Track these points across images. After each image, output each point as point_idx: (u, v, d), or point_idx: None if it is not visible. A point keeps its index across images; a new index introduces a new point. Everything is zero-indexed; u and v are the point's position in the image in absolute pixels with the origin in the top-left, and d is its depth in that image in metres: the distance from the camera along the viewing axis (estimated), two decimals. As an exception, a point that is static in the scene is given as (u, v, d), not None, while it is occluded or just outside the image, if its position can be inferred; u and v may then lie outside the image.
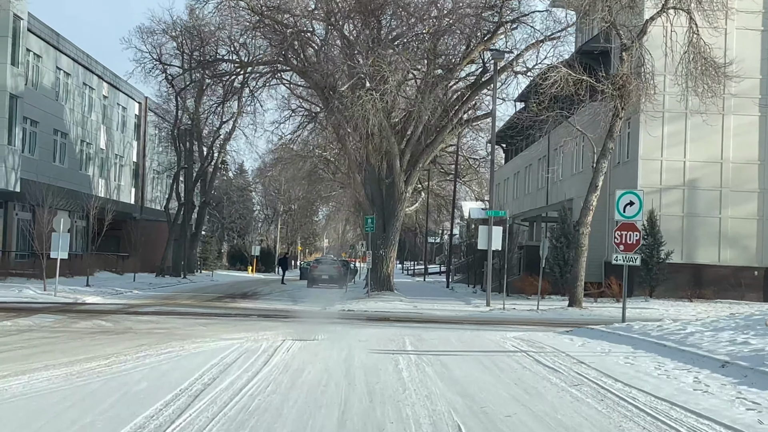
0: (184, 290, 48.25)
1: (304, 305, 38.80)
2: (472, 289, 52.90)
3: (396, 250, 43.73)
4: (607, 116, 35.24)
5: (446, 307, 37.50)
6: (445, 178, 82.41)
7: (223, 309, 33.43)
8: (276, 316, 29.77)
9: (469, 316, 32.91)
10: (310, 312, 33.62)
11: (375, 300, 39.70)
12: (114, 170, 66.55)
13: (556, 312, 34.55)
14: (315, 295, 47.55)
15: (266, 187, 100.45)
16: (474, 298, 43.23)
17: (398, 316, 31.49)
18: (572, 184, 49.38)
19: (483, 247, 38.64)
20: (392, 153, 41.89)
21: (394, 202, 42.76)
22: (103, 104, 63.64)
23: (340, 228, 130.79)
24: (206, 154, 63.96)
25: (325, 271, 57.64)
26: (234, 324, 25.53)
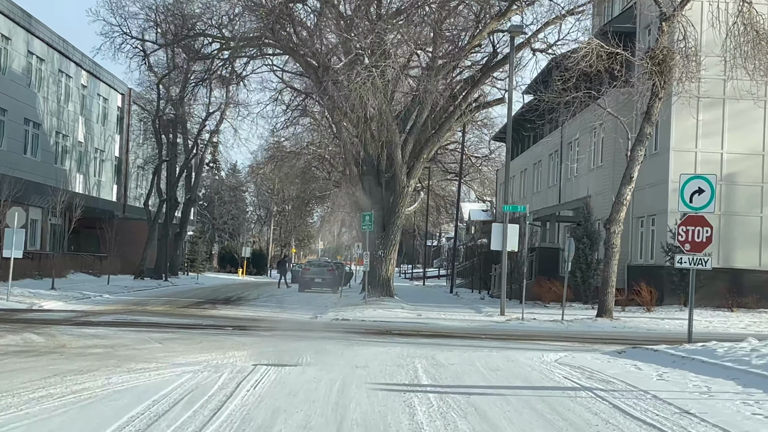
0: (161, 294, 42.70)
1: (292, 312, 33.38)
2: (479, 295, 47.38)
3: (397, 251, 38.29)
4: (643, 97, 29.76)
5: (455, 316, 32.01)
6: (445, 177, 76.91)
7: (196, 318, 27.88)
8: (256, 327, 24.22)
9: (485, 328, 27.43)
10: (297, 322, 28.08)
11: (373, 307, 34.20)
12: (94, 165, 60.92)
13: (584, 324, 29.05)
14: (306, 301, 42.06)
15: (259, 186, 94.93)
16: (484, 306, 37.72)
17: (402, 328, 25.99)
18: (590, 180, 43.92)
19: (497, 248, 33.18)
20: (393, 142, 36.41)
21: (395, 197, 37.28)
22: (82, 94, 58.05)
23: (336, 230, 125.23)
24: (191, 147, 58.24)
25: (318, 274, 52.06)
26: (200, 339, 20.00)
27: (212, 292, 47.69)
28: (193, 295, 43.59)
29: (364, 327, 26.22)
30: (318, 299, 43.66)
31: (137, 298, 39.34)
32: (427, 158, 38.33)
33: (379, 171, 38.14)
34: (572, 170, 47.25)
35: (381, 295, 37.38)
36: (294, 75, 44.90)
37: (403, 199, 37.28)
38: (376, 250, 37.29)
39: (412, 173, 37.29)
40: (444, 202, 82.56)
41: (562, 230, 48.58)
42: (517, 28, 32.35)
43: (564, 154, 48.63)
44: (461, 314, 33.15)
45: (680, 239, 19.23)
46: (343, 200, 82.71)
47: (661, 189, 36.97)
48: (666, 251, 34.93)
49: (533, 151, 56.79)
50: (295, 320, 29.01)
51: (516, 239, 32.84)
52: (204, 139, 60.02)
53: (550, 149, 52.13)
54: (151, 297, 40.25)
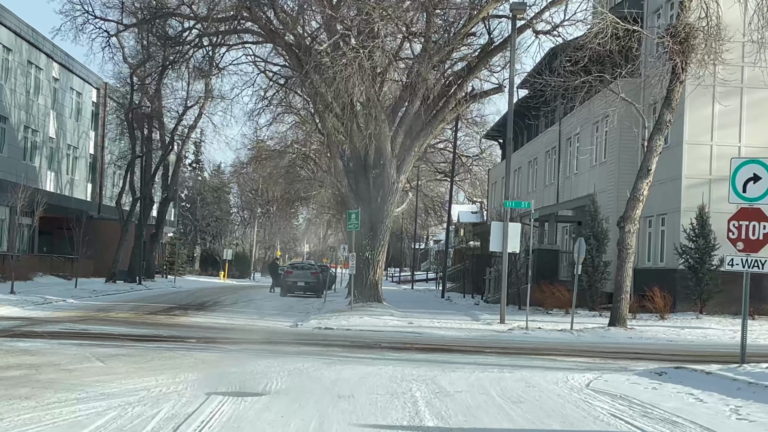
0: (131, 299, 39.01)
1: (270, 320, 29.85)
2: (472, 300, 43.85)
3: (386, 253, 34.74)
4: (663, 80, 26.29)
5: (450, 325, 28.47)
6: (435, 177, 73.39)
7: (159, 327, 24.24)
8: (224, 340, 20.62)
9: (487, 339, 23.91)
10: (273, 331, 24.48)
11: (360, 313, 30.65)
12: (66, 162, 57.16)
13: (596, 334, 25.55)
14: (288, 306, 38.49)
15: (242, 187, 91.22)
16: (480, 312, 34.19)
17: (393, 340, 22.45)
18: (592, 177, 40.47)
19: (496, 249, 29.66)
20: (382, 134, 32.86)
21: (383, 194, 33.73)
22: (53, 87, 54.30)
23: (322, 232, 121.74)
24: (168, 142, 54.43)
25: (300, 277, 48.36)
26: (152, 356, 16.41)
27: (187, 296, 44.04)
28: (166, 300, 39.94)
29: (350, 338, 22.67)
30: (300, 304, 40.10)
31: (103, 303, 35.68)
32: (418, 152, 34.78)
33: (366, 166, 34.58)
34: (572, 167, 43.81)
35: (368, 300, 33.83)
36: (275, 66, 41.26)
37: (393, 196, 33.74)
38: (364, 252, 33.74)
39: (403, 168, 33.74)
40: (432, 203, 79.04)
41: (561, 231, 45.14)
42: (519, 6, 28.79)
43: (563, 151, 45.19)
44: (457, 322, 29.62)
45: (731, 237, 15.76)
46: (329, 201, 79.32)
47: (673, 186, 33.53)
48: (680, 253, 31.51)
49: (528, 148, 53.35)
50: (271, 329, 25.42)
51: (518, 239, 29.36)
52: (181, 134, 56.23)
53: (547, 146, 48.69)
54: (119, 302, 36.60)
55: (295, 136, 65.63)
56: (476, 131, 65.62)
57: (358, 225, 32.39)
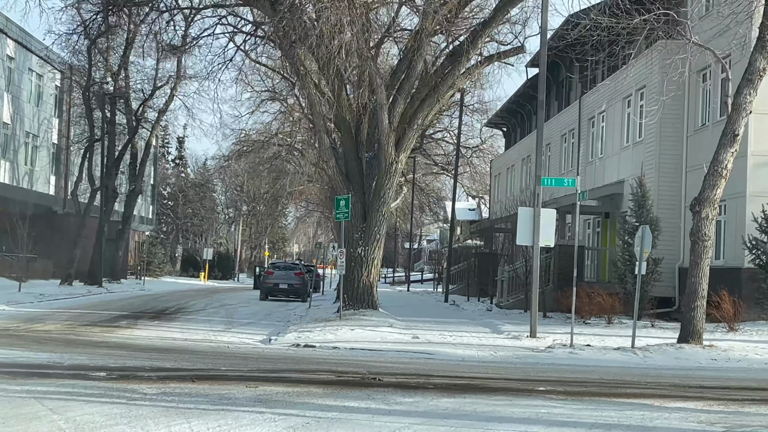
0: (77, 306, 31.87)
1: (239, 332, 22.99)
2: (481, 305, 36.72)
3: (382, 248, 27.70)
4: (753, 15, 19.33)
5: (469, 339, 21.47)
6: (431, 171, 66.32)
7: (73, 350, 17.09)
8: (148, 373, 13.54)
9: (526, 364, 16.93)
10: (233, 354, 17.37)
11: (351, 324, 23.62)
12: (24, 152, 49.90)
13: (667, 354, 18.55)
14: (265, 312, 31.52)
15: (226, 183, 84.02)
16: (497, 320, 27.12)
17: (397, 366, 15.44)
18: (622, 161, 33.52)
19: (525, 242, 22.67)
20: (378, 101, 25.84)
21: (379, 176, 26.70)
22: (8, 67, 47.07)
23: (311, 231, 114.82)
24: (134, 126, 47.06)
25: (283, 278, 41.03)
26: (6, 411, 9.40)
27: (150, 300, 36.92)
28: (121, 306, 32.83)
29: (337, 363, 15.64)
30: (281, 311, 33.09)
31: (41, 311, 28.59)
32: (421, 125, 27.63)
33: (358, 142, 27.57)
34: (596, 151, 36.81)
35: (361, 305, 26.80)
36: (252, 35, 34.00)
37: (390, 180, 26.64)
38: (355, 248, 26.71)
39: (403, 144, 26.66)
40: (428, 199, 72.01)
41: (583, 224, 38.09)
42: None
43: (584, 133, 38.19)
44: (474, 335, 22.60)
45: None
46: (318, 197, 72.23)
47: (735, 165, 26.50)
48: (749, 248, 24.56)
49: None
50: (231, 350, 18.35)
51: (552, 229, 22.40)
52: (150, 118, 48.97)
53: (563, 128, 41.70)
54: (60, 309, 29.50)
55: (281, 126, 58.78)
56: (477, 119, 58.73)
57: (349, 214, 25.37)
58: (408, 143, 26.95)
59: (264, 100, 55.45)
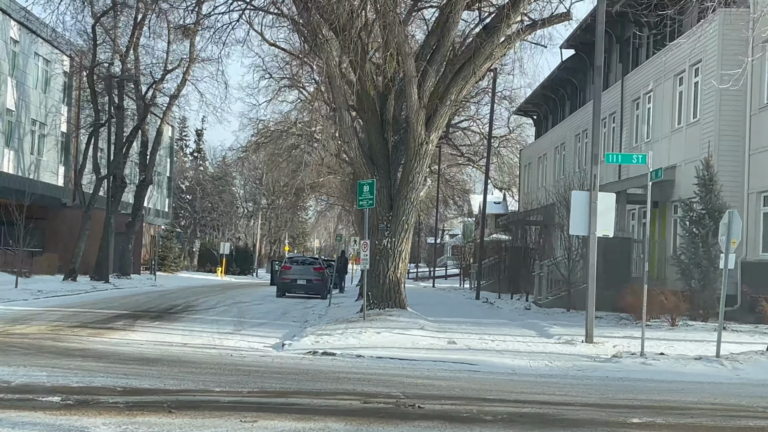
0: (75, 304, 28.65)
1: (249, 334, 19.81)
2: (517, 303, 33.20)
3: (410, 240, 24.32)
4: None
5: (514, 345, 18.11)
6: (456, 162, 62.78)
7: (36, 361, 13.84)
8: (115, 398, 10.25)
9: (597, 381, 13.55)
10: (237, 365, 14.03)
11: (376, 326, 20.27)
12: (30, 140, 46.80)
13: (759, 365, 15.10)
14: (281, 312, 28.21)
15: (245, 176, 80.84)
16: (541, 321, 23.66)
17: (436, 383, 12.07)
18: (673, 146, 30.06)
19: (578, 231, 19.26)
20: (406, 74, 22.50)
21: (408, 158, 23.35)
22: (12, 51, 43.97)
23: (332, 226, 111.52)
24: (143, 112, 43.76)
25: (300, 274, 37.57)
26: None
27: (158, 297, 33.69)
28: (124, 303, 29.62)
29: (361, 380, 12.32)
30: (298, 309, 29.81)
31: (33, 309, 25.43)
32: (455, 101, 24.20)
33: (383, 120, 24.22)
34: (641, 135, 33.33)
35: (387, 304, 23.49)
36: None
37: (420, 162, 23.26)
38: (380, 239, 23.37)
39: (434, 123, 23.26)
40: (452, 191, 68.47)
41: (627, 216, 34.57)
42: None
43: (627, 116, 34.70)
44: (519, 340, 19.23)
45: None
46: (339, 190, 68.91)
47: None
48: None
49: (575, 119, 42.79)
50: (235, 360, 15.06)
51: (611, 217, 18.98)
52: (160, 103, 45.68)
53: (602, 113, 37.97)
54: (55, 308, 26.30)
55: (300, 115, 55.52)
56: (505, 107, 55.10)
57: (373, 201, 22.01)
58: (440, 121, 23.55)
59: (282, 87, 52.26)
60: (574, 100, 44.86)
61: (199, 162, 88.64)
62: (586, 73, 42.67)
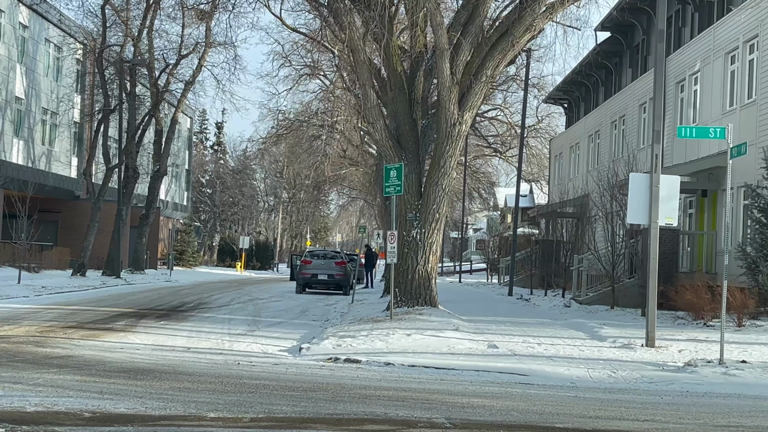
0: (80, 301, 26.43)
1: (262, 336, 17.60)
2: (555, 299, 30.55)
3: (442, 231, 21.85)
4: None
5: (564, 350, 15.63)
6: (482, 153, 60.22)
7: (3, 373, 11.50)
8: (94, 423, 7.84)
9: (681, 398, 11.04)
10: (242, 377, 11.58)
11: (405, 326, 17.82)
12: (41, 130, 44.65)
13: None
14: (300, 310, 25.80)
15: (265, 169, 78.54)
16: (586, 320, 21.07)
17: (485, 408, 9.58)
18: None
19: (638, 220, 16.73)
20: (438, 46, 20.03)
21: (439, 140, 20.87)
22: (21, 36, 41.80)
23: (354, 220, 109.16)
24: (157, 98, 41.37)
25: (322, 269, 35.04)
26: None
27: (170, 294, 31.34)
28: (133, 300, 27.32)
29: (392, 397, 9.87)
30: (318, 306, 27.43)
31: (29, 307, 23.16)
32: (491, 77, 21.69)
33: (411, 99, 21.74)
34: (687, 119, 30.64)
35: (416, 302, 21.03)
36: None
37: (453, 145, 20.77)
38: (409, 230, 20.90)
39: (468, 101, 20.77)
40: (477, 184, 65.87)
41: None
42: None
43: (669, 99, 32.00)
44: (569, 343, 16.73)
45: None
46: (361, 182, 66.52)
47: None
48: None
49: (610, 105, 40.10)
50: (244, 367, 12.66)
51: (675, 203, 16.47)
52: (174, 90, 43.31)
53: (641, 98, 35.42)
54: (55, 305, 24.00)
55: (321, 105, 53.19)
56: (534, 95, 52.44)
57: (401, 187, 19.54)
58: (474, 100, 21.03)
59: (303, 75, 49.90)
60: (609, 85, 42.20)
61: (219, 155, 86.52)
62: (621, 56, 40.08)
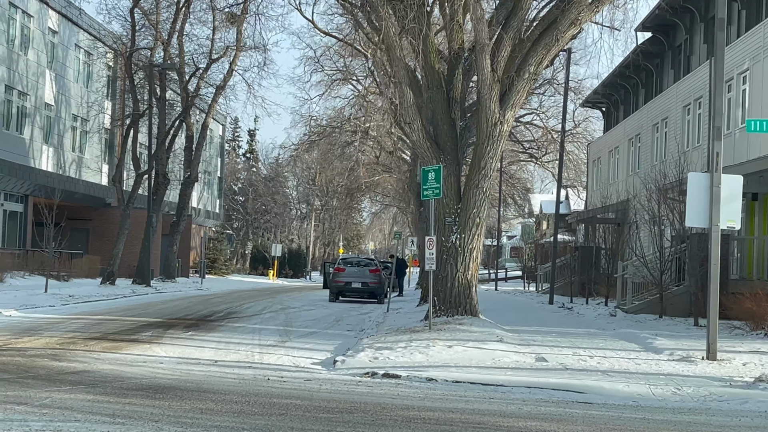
0: (107, 310, 25.48)
1: (294, 347, 16.55)
2: (600, 308, 29.12)
3: (483, 237, 20.62)
4: None
5: (620, 364, 14.37)
6: (517, 159, 58.86)
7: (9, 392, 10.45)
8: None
9: (758, 423, 9.75)
10: (272, 396, 10.45)
11: (445, 337, 16.66)
12: (71, 137, 43.93)
13: None
14: (333, 319, 24.64)
15: (297, 176, 77.66)
16: (637, 330, 19.77)
17: (542, 426, 8.43)
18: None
19: (697, 223, 15.42)
20: (478, 42, 18.90)
21: (479, 141, 19.71)
22: (50, 41, 41.11)
23: (387, 228, 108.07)
24: (188, 103, 40.48)
25: (355, 276, 33.86)
26: None
27: (200, 303, 30.33)
28: (161, 310, 26.32)
29: (439, 419, 8.69)
30: (352, 315, 26.31)
31: (54, 317, 22.22)
32: (534, 74, 20.47)
33: (449, 98, 20.60)
34: (734, 119, 29.22)
35: (456, 311, 19.84)
36: None
37: (494, 146, 19.60)
38: (448, 235, 19.72)
39: (510, 100, 19.59)
40: (512, 190, 64.46)
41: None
42: None
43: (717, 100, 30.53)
44: (623, 355, 15.48)
45: None
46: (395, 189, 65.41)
47: None
48: None
49: (651, 108, 38.69)
50: (275, 383, 11.55)
51: (738, 205, 15.21)
52: (204, 94, 42.43)
53: (684, 99, 34.03)
54: (80, 315, 23.05)
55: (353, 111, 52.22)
56: (570, 99, 51.05)
57: (440, 190, 18.37)
58: (516, 98, 19.83)
59: (335, 81, 49.00)
60: (650, 87, 40.82)
61: (252, 163, 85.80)
62: (663, 57, 38.72)
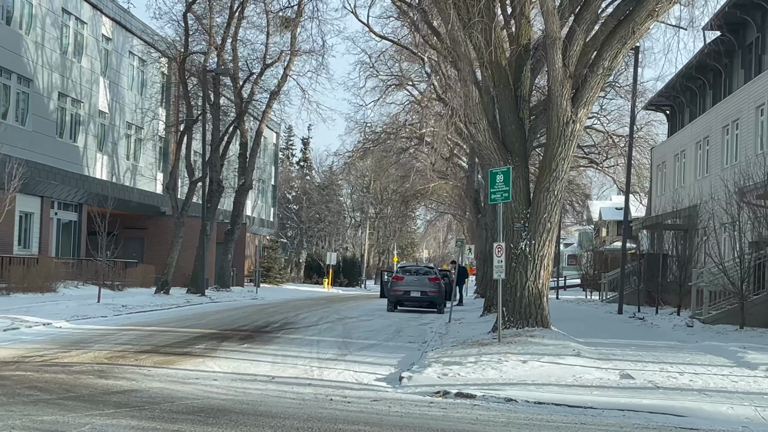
0: (160, 320, 24.60)
1: (354, 362, 15.57)
2: (674, 318, 27.55)
3: (554, 244, 19.27)
4: None
5: (715, 382, 13.04)
6: (576, 164, 57.23)
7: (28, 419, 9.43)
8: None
9: None
10: (336, 420, 9.31)
11: (517, 351, 15.43)
12: (125, 144, 43.36)
13: None
14: (393, 330, 23.49)
15: (351, 184, 76.73)
16: (721, 342, 18.35)
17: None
18: None
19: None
20: (549, 35, 17.66)
21: (550, 141, 18.45)
22: (104, 49, 40.58)
23: (441, 236, 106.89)
24: (243, 108, 39.60)
25: (414, 285, 32.65)
26: None
27: (255, 312, 29.36)
28: (215, 320, 25.37)
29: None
30: (412, 326, 25.12)
31: (105, 328, 21.40)
32: (609, 69, 19.14)
33: (518, 97, 19.35)
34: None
35: (526, 322, 18.54)
36: None
37: (566, 146, 18.31)
38: (516, 242, 18.46)
39: (582, 97, 18.30)
40: (571, 196, 62.85)
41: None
42: None
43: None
44: (715, 372, 14.12)
45: None
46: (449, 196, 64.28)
47: None
48: None
49: (720, 110, 37.00)
50: (338, 404, 10.42)
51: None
52: (258, 100, 41.54)
53: (757, 99, 32.36)
54: (133, 326, 22.18)
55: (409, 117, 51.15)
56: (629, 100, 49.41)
57: (509, 193, 17.11)
58: (590, 95, 18.52)
59: (390, 86, 48.01)
60: (718, 88, 39.13)
61: (306, 171, 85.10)
62: (732, 57, 37.02)
